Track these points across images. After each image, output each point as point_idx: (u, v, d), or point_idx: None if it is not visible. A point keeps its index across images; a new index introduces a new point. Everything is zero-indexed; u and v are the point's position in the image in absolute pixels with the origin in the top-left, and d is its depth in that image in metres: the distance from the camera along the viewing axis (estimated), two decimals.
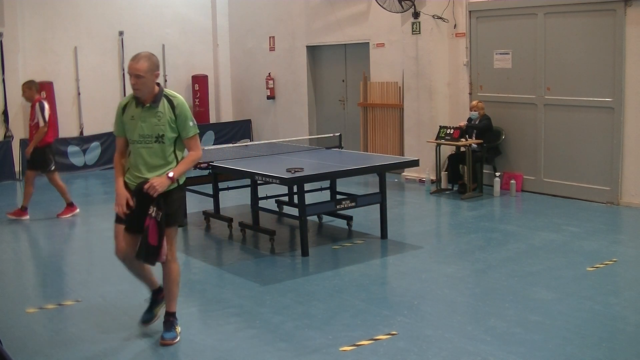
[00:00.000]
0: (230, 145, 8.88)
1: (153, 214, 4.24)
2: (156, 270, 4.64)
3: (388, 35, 10.96)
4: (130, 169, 4.44)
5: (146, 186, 4.23)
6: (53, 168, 8.44)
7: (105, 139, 12.27)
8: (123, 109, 4.41)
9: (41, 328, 4.86)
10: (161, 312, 4.69)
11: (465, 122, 9.17)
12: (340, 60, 12.36)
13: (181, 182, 4.48)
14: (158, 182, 4.25)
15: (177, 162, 4.43)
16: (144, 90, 4.27)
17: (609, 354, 4.15)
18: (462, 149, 9.27)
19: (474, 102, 9.31)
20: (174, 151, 4.45)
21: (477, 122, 9.17)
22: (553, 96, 8.91)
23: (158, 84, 4.39)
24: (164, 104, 4.37)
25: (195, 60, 14.21)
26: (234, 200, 8.90)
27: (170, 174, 4.32)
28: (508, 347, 4.28)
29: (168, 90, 4.48)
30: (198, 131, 4.54)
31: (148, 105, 4.33)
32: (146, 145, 4.34)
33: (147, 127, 4.33)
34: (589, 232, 7.15)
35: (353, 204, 6.83)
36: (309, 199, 6.97)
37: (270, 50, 13.57)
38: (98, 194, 10.63)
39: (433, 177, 9.72)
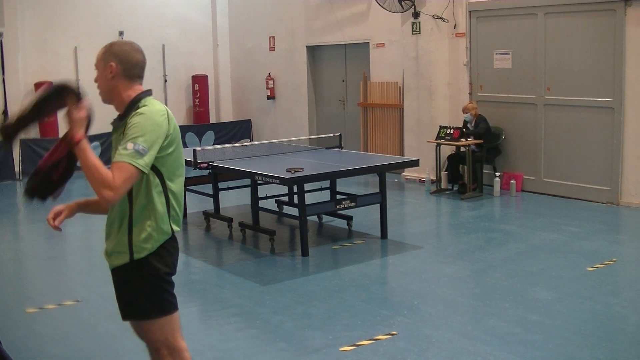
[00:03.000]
0: (230, 145, 8.88)
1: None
2: None
3: (388, 35, 10.95)
4: None
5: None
6: None
7: (105, 138, 12.25)
8: None
9: (41, 328, 4.85)
10: None
11: (464, 129, 9.13)
12: (340, 60, 12.36)
13: (137, 255, 2.80)
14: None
15: (130, 213, 2.79)
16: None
17: (609, 354, 4.14)
18: (462, 149, 9.27)
19: (466, 104, 9.29)
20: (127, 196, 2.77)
21: (472, 124, 9.16)
22: (553, 96, 8.91)
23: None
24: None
25: (195, 60, 14.21)
26: (234, 200, 8.90)
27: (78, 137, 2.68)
28: (508, 347, 4.28)
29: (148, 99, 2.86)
30: (131, 161, 2.64)
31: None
32: None
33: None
34: (589, 232, 7.15)
35: (353, 204, 6.83)
36: (309, 199, 6.97)
37: (270, 50, 13.57)
38: None
39: (433, 177, 9.72)
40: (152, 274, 2.83)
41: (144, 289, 2.84)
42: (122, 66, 2.83)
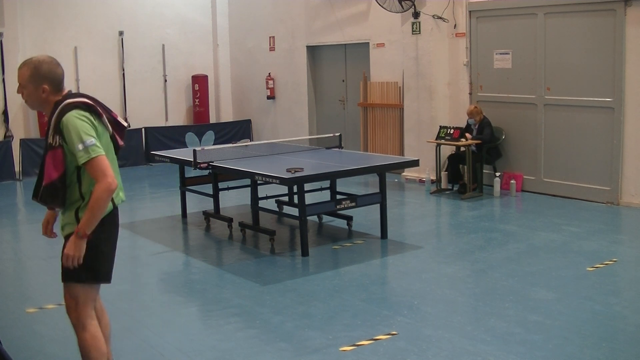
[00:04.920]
0: (230, 145, 8.88)
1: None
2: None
3: (388, 35, 10.95)
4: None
5: (63, 260, 3.28)
6: None
7: None
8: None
9: (41, 328, 4.86)
10: None
11: (471, 135, 9.11)
12: (340, 60, 12.36)
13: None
14: (70, 249, 3.24)
15: (79, 192, 3.36)
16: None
17: (609, 354, 4.14)
18: (462, 149, 9.27)
19: (470, 108, 9.24)
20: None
21: (476, 128, 9.15)
22: (553, 96, 8.91)
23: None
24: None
25: (195, 60, 14.21)
26: (234, 200, 8.91)
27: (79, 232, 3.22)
28: (508, 347, 4.28)
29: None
30: (92, 154, 3.21)
31: None
32: None
33: None
34: (589, 232, 7.15)
35: (353, 204, 6.83)
36: (309, 199, 6.97)
37: (270, 50, 13.57)
38: None
39: (433, 177, 9.72)
40: (95, 244, 3.30)
41: (84, 256, 3.26)
42: (52, 86, 3.36)
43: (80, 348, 3.47)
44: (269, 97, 13.63)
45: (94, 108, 3.36)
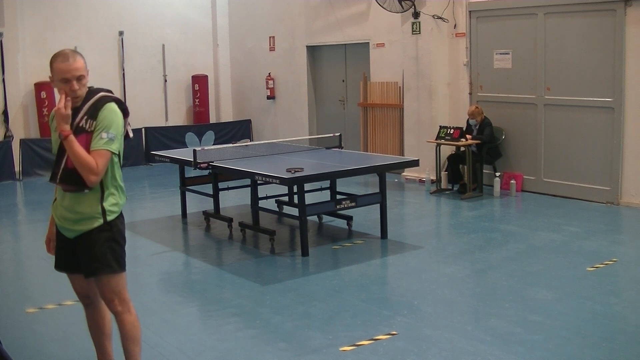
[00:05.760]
0: (230, 145, 8.88)
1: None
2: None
3: (388, 35, 10.95)
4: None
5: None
6: None
7: None
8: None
9: (41, 328, 4.86)
10: None
11: (470, 135, 9.13)
12: (340, 60, 12.36)
13: (109, 218, 3.45)
14: (61, 117, 3.29)
15: (102, 185, 3.43)
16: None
17: (609, 354, 4.15)
18: (462, 149, 9.27)
19: (471, 108, 9.24)
20: None
21: (476, 128, 9.15)
22: (553, 96, 8.91)
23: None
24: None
25: (195, 60, 14.21)
26: (234, 200, 8.91)
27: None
28: (508, 347, 4.28)
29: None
30: (107, 147, 3.34)
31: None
32: None
33: None
34: (589, 232, 7.15)
35: (353, 204, 6.83)
36: (309, 199, 6.97)
37: (270, 50, 13.58)
38: None
39: (433, 177, 9.72)
40: (119, 234, 3.52)
41: (113, 247, 3.47)
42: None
43: (128, 331, 3.59)
44: (269, 97, 13.63)
45: (126, 109, 3.53)
